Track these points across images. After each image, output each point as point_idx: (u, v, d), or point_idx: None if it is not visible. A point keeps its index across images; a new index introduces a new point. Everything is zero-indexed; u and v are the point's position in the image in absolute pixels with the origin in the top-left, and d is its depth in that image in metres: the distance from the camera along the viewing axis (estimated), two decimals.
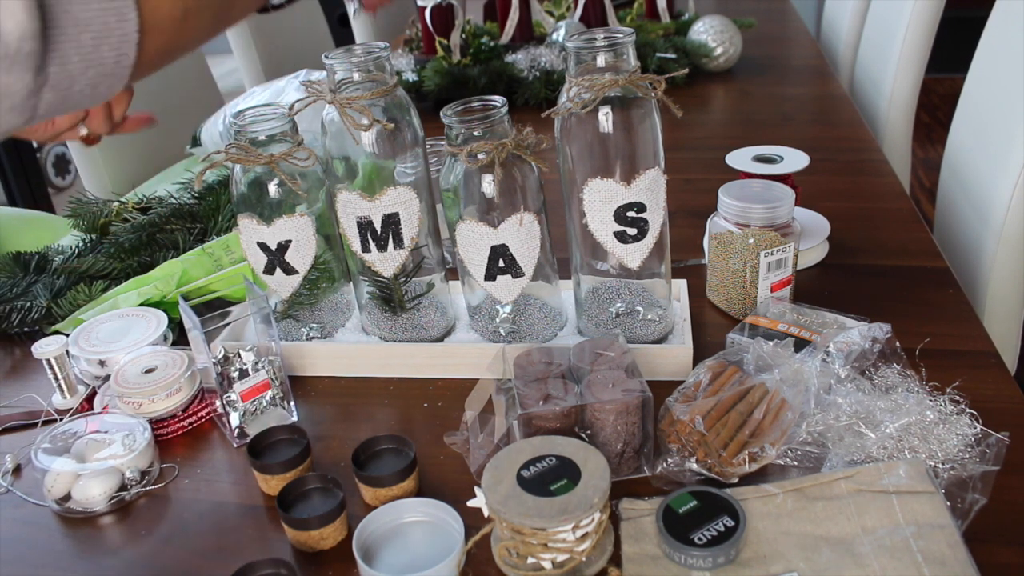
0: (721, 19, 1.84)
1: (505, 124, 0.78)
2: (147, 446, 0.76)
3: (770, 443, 0.69)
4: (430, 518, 0.67)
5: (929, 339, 0.84)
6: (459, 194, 0.80)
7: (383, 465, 0.72)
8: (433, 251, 0.88)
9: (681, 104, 0.78)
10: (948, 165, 1.41)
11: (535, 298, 0.87)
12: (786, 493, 0.65)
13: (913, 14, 1.69)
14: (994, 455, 0.66)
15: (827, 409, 0.72)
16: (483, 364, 0.81)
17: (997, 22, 1.31)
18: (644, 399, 0.69)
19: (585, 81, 0.74)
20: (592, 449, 0.64)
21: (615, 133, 0.76)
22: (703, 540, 0.60)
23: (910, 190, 1.59)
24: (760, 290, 0.88)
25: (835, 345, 0.76)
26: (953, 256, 1.29)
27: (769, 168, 1.05)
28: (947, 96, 3.90)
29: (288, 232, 0.85)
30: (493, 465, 0.63)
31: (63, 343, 0.86)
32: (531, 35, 1.94)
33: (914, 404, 0.71)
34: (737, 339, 0.82)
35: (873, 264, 1.02)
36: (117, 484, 0.74)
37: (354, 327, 0.93)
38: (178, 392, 0.83)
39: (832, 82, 1.78)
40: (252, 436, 0.75)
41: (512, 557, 0.62)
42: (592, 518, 0.60)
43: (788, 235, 0.87)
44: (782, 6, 2.56)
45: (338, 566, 0.65)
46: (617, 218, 0.78)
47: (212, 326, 0.78)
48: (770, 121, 1.57)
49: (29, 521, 0.73)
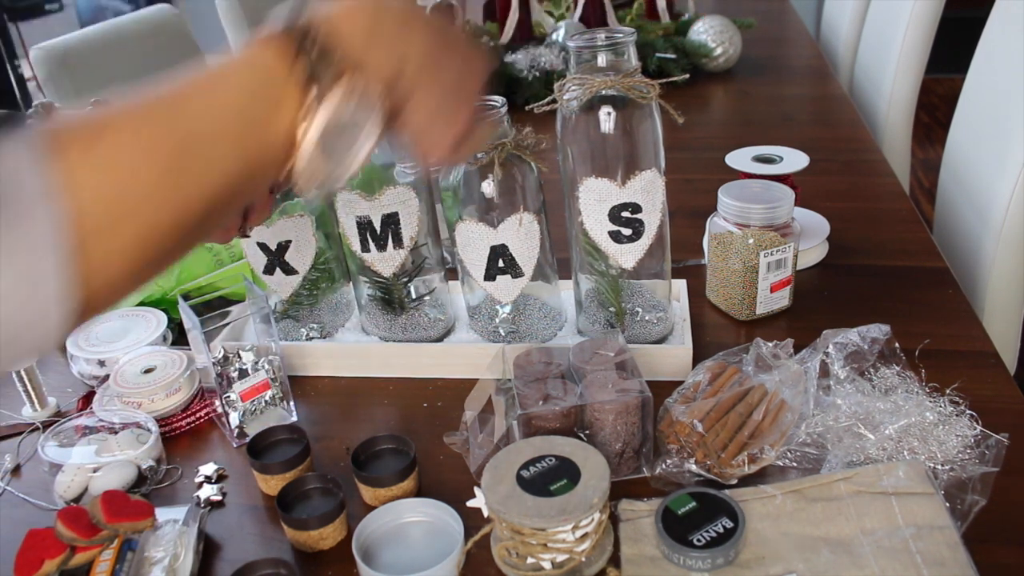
0: (721, 19, 1.84)
1: (505, 124, 0.78)
2: (157, 439, 0.76)
3: (769, 444, 0.69)
4: (430, 518, 0.67)
5: (929, 340, 0.84)
6: (459, 194, 0.80)
7: (383, 465, 0.72)
8: (433, 251, 0.88)
9: (681, 104, 0.78)
10: (948, 165, 1.41)
11: (535, 298, 0.87)
12: (785, 494, 0.65)
13: (913, 14, 1.69)
14: (994, 456, 0.66)
15: (826, 410, 0.72)
16: (483, 364, 0.81)
17: (996, 22, 1.31)
18: (644, 399, 0.69)
19: (578, 80, 0.74)
20: (592, 449, 0.64)
21: (615, 134, 0.76)
22: (702, 541, 0.60)
23: (909, 190, 1.59)
24: (760, 290, 0.88)
25: (835, 346, 0.76)
26: (953, 256, 1.28)
27: (769, 168, 1.05)
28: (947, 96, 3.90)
29: (288, 232, 0.85)
30: (493, 465, 0.63)
31: None
32: (531, 35, 1.94)
33: (913, 405, 0.71)
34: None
35: (873, 264, 1.02)
36: (134, 477, 0.74)
37: (354, 327, 0.93)
38: (178, 392, 0.83)
39: (832, 82, 1.78)
40: (252, 436, 0.75)
41: (512, 557, 0.62)
42: (592, 518, 0.60)
43: (788, 235, 0.87)
44: (782, 6, 2.56)
45: (338, 566, 0.65)
46: (612, 218, 0.78)
47: (212, 326, 0.77)
48: (770, 121, 1.57)
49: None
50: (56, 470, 0.73)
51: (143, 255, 0.42)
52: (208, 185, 0.43)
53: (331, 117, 0.46)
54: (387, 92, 0.49)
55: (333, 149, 0.47)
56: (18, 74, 3.97)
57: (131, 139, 0.41)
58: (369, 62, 0.48)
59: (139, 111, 0.43)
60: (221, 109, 0.44)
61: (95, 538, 0.62)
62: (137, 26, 1.76)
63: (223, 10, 2.12)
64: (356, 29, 0.47)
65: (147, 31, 1.77)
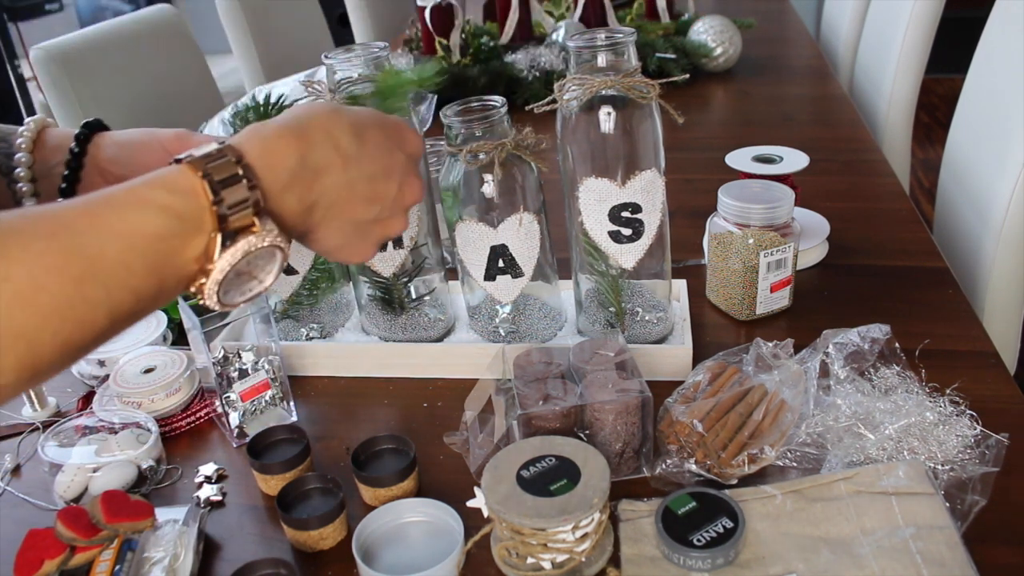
0: (721, 19, 1.84)
1: (505, 124, 0.78)
2: (157, 439, 0.76)
3: (769, 444, 0.69)
4: (430, 518, 0.67)
5: (928, 340, 0.84)
6: (459, 194, 0.80)
7: (383, 465, 0.72)
8: (433, 251, 0.88)
9: (681, 104, 0.78)
10: (948, 165, 1.41)
11: (535, 298, 0.87)
12: (785, 494, 0.65)
13: (913, 14, 1.69)
14: (994, 456, 0.66)
15: (826, 410, 0.72)
16: (483, 364, 0.81)
17: (996, 23, 1.31)
18: (643, 399, 0.69)
19: (578, 80, 0.74)
20: (592, 449, 0.64)
21: (615, 134, 0.76)
22: (702, 541, 0.60)
23: (909, 190, 1.59)
24: (760, 290, 0.88)
25: (835, 346, 0.76)
26: (952, 256, 1.29)
27: (769, 168, 1.05)
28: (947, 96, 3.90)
29: None
30: (493, 465, 0.63)
31: None
32: (531, 35, 1.94)
33: (913, 405, 0.71)
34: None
35: (873, 264, 1.02)
36: (134, 477, 0.74)
37: (354, 327, 0.93)
38: (177, 392, 0.83)
39: (832, 82, 1.78)
40: (252, 436, 0.75)
41: (512, 557, 0.62)
42: (592, 518, 0.60)
43: (788, 235, 0.87)
44: (782, 6, 2.56)
45: (338, 566, 0.65)
46: (612, 218, 0.78)
47: (212, 326, 0.77)
48: (770, 121, 1.58)
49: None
50: (56, 470, 0.73)
51: (37, 366, 0.41)
52: (111, 299, 0.43)
53: (236, 262, 0.48)
54: (293, 232, 0.53)
55: (236, 283, 0.50)
56: (18, 74, 3.97)
57: (41, 251, 0.40)
58: (283, 208, 0.50)
59: (55, 220, 0.42)
60: (132, 233, 0.44)
61: (95, 538, 0.62)
62: (137, 26, 1.76)
63: (223, 10, 2.13)
64: (281, 168, 0.50)
65: (147, 31, 1.77)
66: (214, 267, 0.47)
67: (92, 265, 0.42)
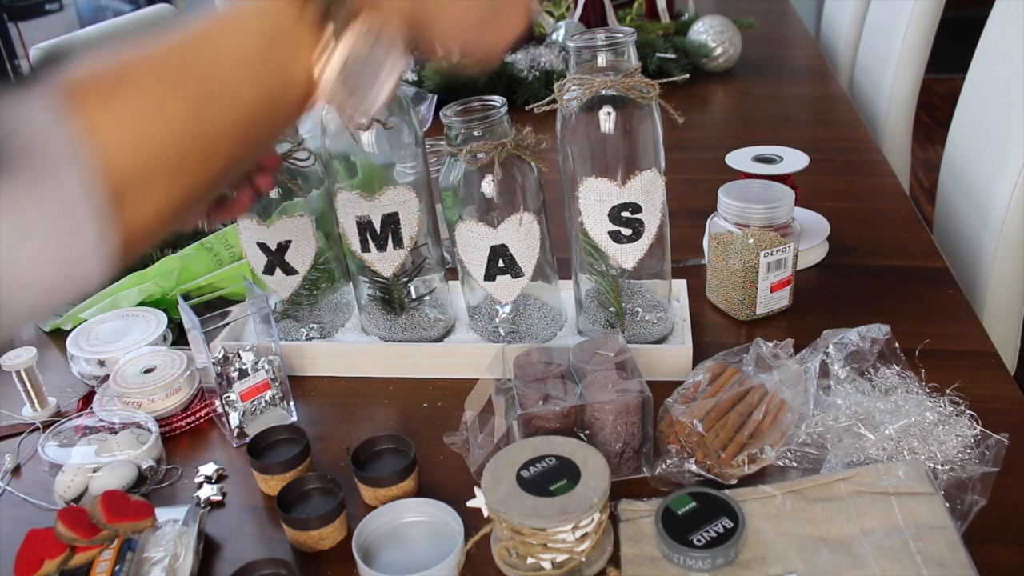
0: (721, 19, 1.83)
1: (505, 124, 0.78)
2: (157, 439, 0.76)
3: (769, 444, 0.69)
4: (430, 518, 0.67)
5: (928, 340, 0.84)
6: (459, 194, 0.80)
7: (383, 465, 0.72)
8: (433, 251, 0.88)
9: (681, 104, 0.78)
10: (947, 165, 1.41)
11: (534, 298, 0.87)
12: (785, 494, 0.65)
13: (912, 15, 1.69)
14: (994, 456, 0.66)
15: (826, 410, 0.72)
16: (483, 364, 0.81)
17: (996, 22, 1.31)
18: (643, 399, 0.69)
19: (578, 80, 0.74)
20: (592, 449, 0.64)
21: (615, 134, 0.76)
22: (702, 541, 0.60)
23: (909, 190, 1.59)
24: (760, 290, 0.88)
25: (835, 346, 0.76)
26: (952, 256, 1.29)
27: (769, 168, 1.05)
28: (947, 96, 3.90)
29: (288, 232, 0.85)
30: (493, 465, 0.63)
31: (33, 355, 0.84)
32: (531, 35, 1.94)
33: (913, 405, 0.71)
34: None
35: (872, 264, 1.02)
36: (134, 477, 0.74)
37: (354, 327, 0.93)
38: (177, 392, 0.83)
39: (832, 82, 1.78)
40: (252, 436, 0.75)
41: (512, 557, 0.62)
42: (592, 518, 0.60)
43: (788, 235, 0.87)
44: (782, 6, 2.56)
45: (338, 566, 0.65)
46: (612, 218, 0.78)
47: (212, 326, 0.78)
48: (770, 121, 1.57)
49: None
50: (56, 470, 0.73)
51: (176, 194, 0.43)
52: (231, 123, 0.44)
53: (348, 56, 0.46)
54: (407, 25, 0.49)
55: (355, 85, 0.48)
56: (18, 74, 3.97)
57: (152, 86, 0.42)
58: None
59: (157, 58, 0.43)
60: (237, 51, 0.44)
61: (95, 538, 0.62)
62: (137, 26, 1.76)
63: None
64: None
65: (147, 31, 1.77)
66: (327, 68, 0.46)
67: (204, 89, 0.43)
